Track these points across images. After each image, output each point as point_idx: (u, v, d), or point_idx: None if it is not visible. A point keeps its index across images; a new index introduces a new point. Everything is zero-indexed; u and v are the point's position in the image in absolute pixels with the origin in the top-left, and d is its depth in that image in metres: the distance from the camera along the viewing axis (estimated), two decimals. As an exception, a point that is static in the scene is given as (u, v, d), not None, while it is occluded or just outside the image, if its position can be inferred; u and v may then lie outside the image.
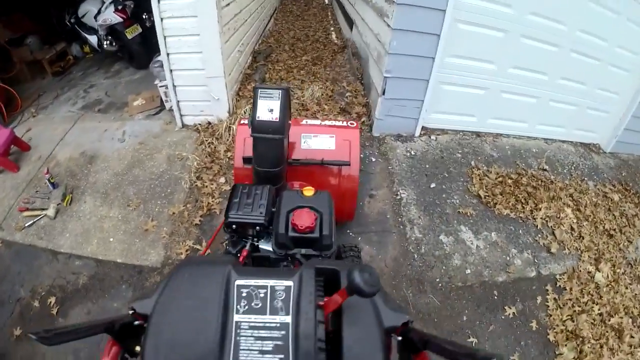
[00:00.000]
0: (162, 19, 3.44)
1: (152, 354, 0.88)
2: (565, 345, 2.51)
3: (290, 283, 0.93)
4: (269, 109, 1.90)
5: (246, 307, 0.91)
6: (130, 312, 1.00)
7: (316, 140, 2.42)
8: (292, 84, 4.53)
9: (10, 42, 5.95)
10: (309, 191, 1.81)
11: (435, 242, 2.92)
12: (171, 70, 3.77)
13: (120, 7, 5.22)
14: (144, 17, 3.74)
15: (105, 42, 5.58)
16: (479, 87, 3.56)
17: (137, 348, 0.96)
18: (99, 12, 5.34)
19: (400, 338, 0.91)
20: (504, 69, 3.48)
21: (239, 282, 0.95)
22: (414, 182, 3.28)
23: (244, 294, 0.93)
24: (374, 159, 3.51)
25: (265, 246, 1.87)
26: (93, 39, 5.71)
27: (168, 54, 3.65)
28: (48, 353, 2.56)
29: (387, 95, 3.39)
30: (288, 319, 0.88)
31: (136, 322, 0.98)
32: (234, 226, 1.83)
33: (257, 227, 1.80)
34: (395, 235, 2.94)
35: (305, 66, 4.93)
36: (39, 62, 6.13)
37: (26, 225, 3.40)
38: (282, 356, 0.83)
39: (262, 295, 0.92)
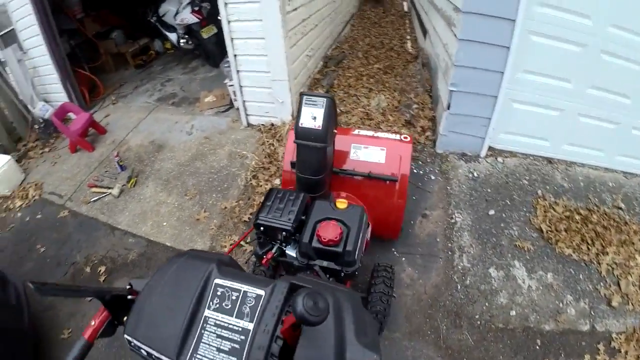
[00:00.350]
0: (229, 22, 3.68)
1: (132, 326, 1.05)
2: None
3: (262, 292, 1.00)
4: (312, 116, 1.93)
5: (217, 305, 1.01)
6: (128, 287, 1.20)
7: (366, 151, 2.41)
8: (359, 92, 4.58)
9: (98, 35, 6.62)
10: (341, 204, 1.87)
11: (483, 275, 2.74)
12: (238, 71, 3.99)
13: (196, 9, 5.64)
14: (219, 18, 4.03)
15: (182, 41, 6.05)
16: (554, 108, 3.28)
17: (125, 318, 1.11)
18: (177, 12, 5.80)
19: None
20: (581, 89, 3.17)
21: (217, 281, 1.05)
22: (472, 206, 3.13)
23: (218, 293, 1.03)
24: (433, 177, 3.41)
25: (291, 252, 1.94)
26: (173, 37, 6.18)
27: (235, 56, 3.87)
28: (90, 312, 2.80)
29: (453, 110, 3.28)
30: (250, 326, 0.96)
31: (129, 297, 1.17)
32: (262, 228, 1.92)
33: (284, 233, 1.86)
34: (441, 261, 2.82)
35: (376, 74, 4.96)
36: (122, 54, 6.76)
37: (92, 200, 3.84)
38: (235, 359, 0.92)
39: (234, 297, 1.01)
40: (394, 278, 2.45)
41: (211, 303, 1.02)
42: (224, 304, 1.00)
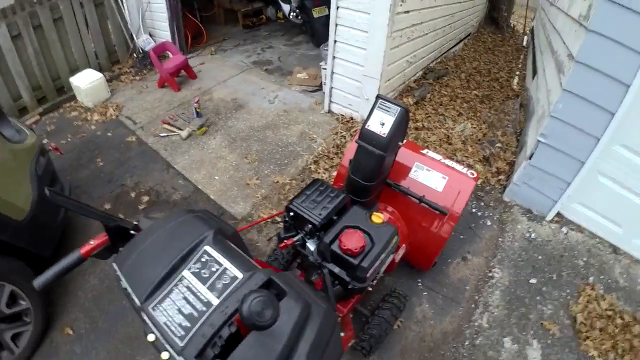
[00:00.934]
0: (337, 7, 3.76)
1: (121, 259, 1.15)
2: None
3: (240, 275, 1.04)
4: (381, 121, 1.90)
5: (197, 270, 1.07)
6: (135, 222, 1.29)
7: (427, 174, 2.36)
8: (448, 113, 4.50)
9: (216, -13, 7.05)
10: (377, 218, 1.85)
11: (495, 341, 2.57)
12: (334, 57, 4.09)
13: (314, -13, 5.86)
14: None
15: (293, 14, 6.29)
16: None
17: (120, 249, 1.21)
18: (294, -14, 6.05)
19: None
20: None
21: (207, 248, 1.12)
22: (516, 267, 2.96)
23: (202, 259, 1.09)
24: (489, 223, 3.28)
25: (311, 246, 1.96)
26: (286, 8, 6.43)
27: (335, 41, 3.97)
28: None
29: (534, 162, 3.13)
30: (215, 301, 1.00)
31: (132, 232, 1.27)
32: (292, 213, 1.95)
33: (310, 226, 1.89)
34: (461, 311, 2.70)
35: (472, 100, 4.84)
36: (235, 12, 7.16)
37: (160, 135, 4.15)
38: (188, 325, 0.96)
39: (214, 269, 1.06)
40: (403, 309, 2.42)
41: (192, 265, 1.08)
42: (202, 271, 1.06)
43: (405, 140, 2.23)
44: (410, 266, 2.80)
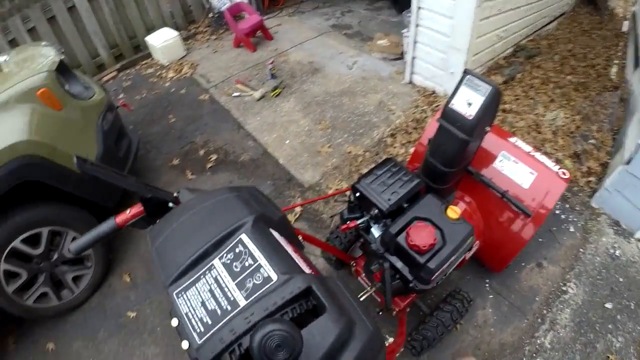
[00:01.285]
0: None
1: (156, 232, 1.05)
2: None
3: (274, 277, 0.88)
4: (467, 101, 1.68)
5: (228, 261, 0.94)
6: (175, 194, 1.20)
7: (514, 166, 2.13)
8: (539, 98, 4.16)
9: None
10: (453, 213, 1.64)
11: None
12: (417, 25, 3.84)
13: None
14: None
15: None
16: None
17: (158, 221, 1.12)
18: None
19: None
20: None
21: (243, 237, 0.97)
22: (593, 286, 2.64)
23: (236, 250, 0.95)
24: (572, 229, 2.94)
25: (376, 233, 1.80)
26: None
27: (419, 8, 3.71)
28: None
29: (631, 168, 2.74)
30: (242, 303, 0.86)
31: (170, 204, 1.19)
32: (357, 194, 1.79)
33: (377, 211, 1.73)
34: (525, 323, 2.46)
35: (565, 87, 4.44)
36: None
37: (233, 94, 4.17)
38: (209, 323, 0.85)
39: (247, 264, 0.92)
40: (464, 314, 2.25)
41: (225, 255, 0.95)
42: (234, 264, 0.93)
43: (493, 125, 1.97)
44: (479, 263, 2.58)
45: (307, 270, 0.94)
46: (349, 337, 0.83)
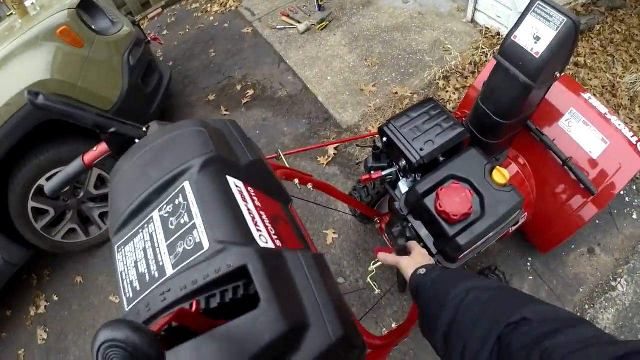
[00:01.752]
0: None
1: (116, 170, 0.87)
2: None
3: (207, 245, 0.64)
4: (535, 34, 1.31)
5: (166, 215, 0.72)
6: (145, 129, 1.01)
7: (583, 129, 1.76)
8: (619, 57, 3.64)
9: None
10: (500, 176, 1.28)
11: None
12: (485, -47, 3.40)
13: None
14: None
15: None
16: None
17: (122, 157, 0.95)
18: None
19: None
20: None
21: (186, 184, 0.73)
22: None
23: (175, 201, 0.72)
24: (635, 216, 2.54)
25: (403, 188, 1.55)
26: None
27: None
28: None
29: None
30: (169, 271, 0.64)
31: (137, 140, 1.00)
32: (385, 139, 1.50)
33: (405, 162, 1.45)
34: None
35: None
36: None
37: (278, 27, 3.98)
38: (137, 288, 0.65)
39: (182, 221, 0.69)
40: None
41: (164, 206, 0.73)
42: (170, 220, 0.71)
43: (563, 73, 1.53)
44: (524, 237, 2.30)
45: (264, 240, 0.68)
46: (288, 348, 0.58)
